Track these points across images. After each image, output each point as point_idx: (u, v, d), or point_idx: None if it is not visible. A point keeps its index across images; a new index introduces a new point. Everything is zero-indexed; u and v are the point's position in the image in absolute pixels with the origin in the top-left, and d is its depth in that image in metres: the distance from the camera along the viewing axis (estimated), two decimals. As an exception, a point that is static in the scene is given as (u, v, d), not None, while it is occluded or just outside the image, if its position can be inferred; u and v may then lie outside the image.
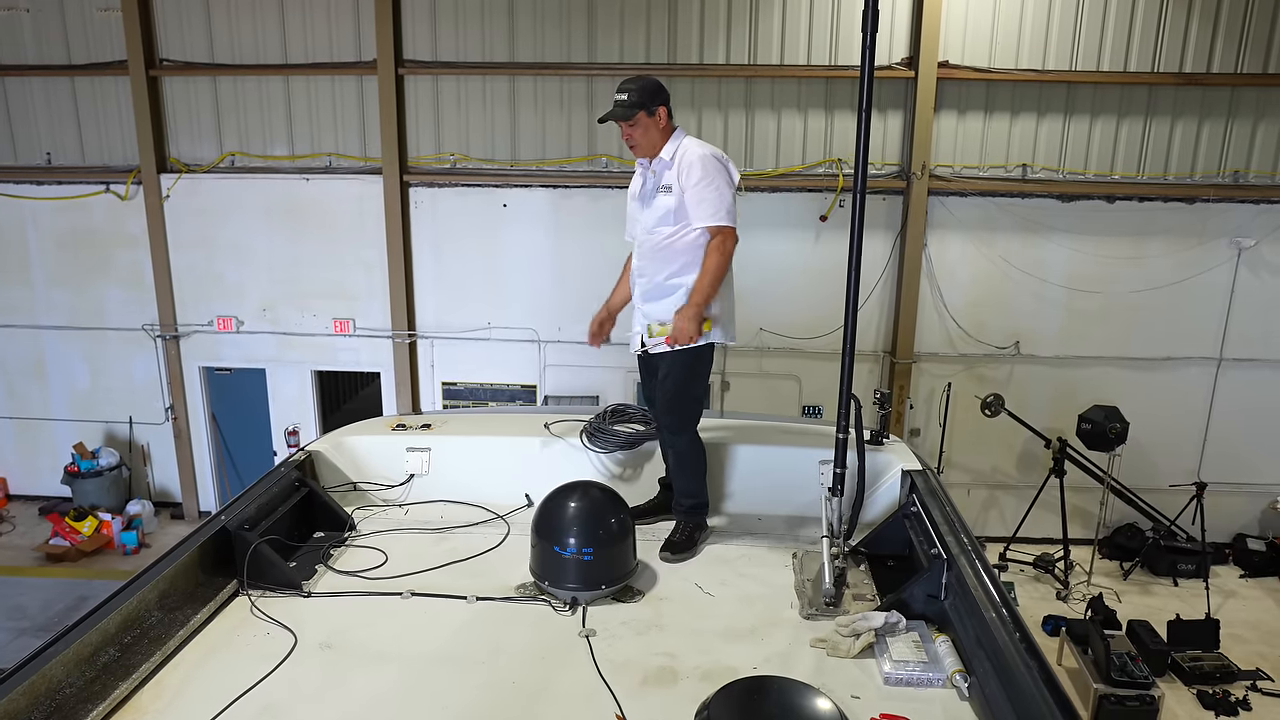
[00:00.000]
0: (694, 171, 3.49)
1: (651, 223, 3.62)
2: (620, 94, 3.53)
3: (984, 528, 9.54)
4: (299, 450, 4.01)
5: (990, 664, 2.47)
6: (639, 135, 3.56)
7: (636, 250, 3.72)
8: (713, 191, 3.49)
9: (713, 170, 3.51)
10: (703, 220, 3.51)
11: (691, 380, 3.66)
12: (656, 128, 3.55)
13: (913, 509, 3.41)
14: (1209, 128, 8.82)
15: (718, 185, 3.51)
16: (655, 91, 3.54)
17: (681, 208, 3.53)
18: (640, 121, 3.53)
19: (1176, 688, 6.87)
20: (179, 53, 9.30)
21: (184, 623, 2.83)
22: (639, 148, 3.60)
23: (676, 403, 3.65)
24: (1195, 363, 9.26)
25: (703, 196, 3.49)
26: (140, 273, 9.78)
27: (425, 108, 9.29)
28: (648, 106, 3.52)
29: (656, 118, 3.54)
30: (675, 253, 3.58)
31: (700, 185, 3.49)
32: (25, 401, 10.33)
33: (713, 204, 3.49)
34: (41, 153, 9.72)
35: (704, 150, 3.54)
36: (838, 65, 8.81)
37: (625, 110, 3.51)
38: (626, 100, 3.50)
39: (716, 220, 3.51)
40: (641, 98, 3.50)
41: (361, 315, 9.77)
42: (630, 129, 3.56)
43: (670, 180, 3.56)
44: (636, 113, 3.51)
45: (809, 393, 9.54)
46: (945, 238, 9.14)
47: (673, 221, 3.56)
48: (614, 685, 2.60)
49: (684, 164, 3.52)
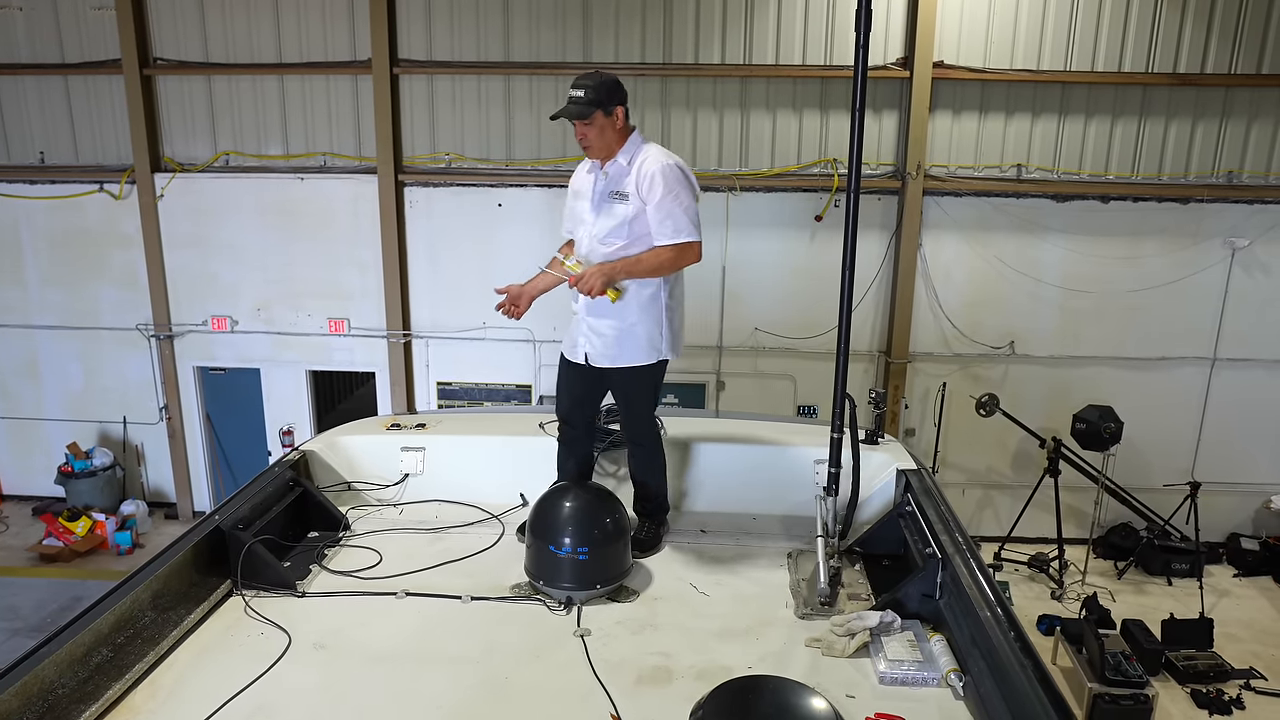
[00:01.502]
0: (656, 186, 3.33)
1: (603, 231, 3.45)
2: (576, 90, 3.33)
3: (979, 527, 9.55)
4: (293, 450, 4.00)
5: (985, 663, 2.47)
6: (594, 135, 3.37)
7: (582, 256, 3.54)
8: (678, 208, 3.35)
9: (675, 184, 3.35)
10: (666, 239, 3.37)
11: (653, 396, 3.67)
12: (613, 128, 3.38)
13: (908, 508, 3.42)
14: (1203, 128, 8.84)
15: (682, 200, 3.37)
16: (613, 89, 3.36)
17: (640, 220, 3.39)
18: (597, 121, 3.34)
19: (1170, 687, 6.89)
20: (173, 52, 9.27)
21: (177, 623, 2.83)
22: (593, 149, 3.41)
23: (644, 420, 3.65)
24: (1189, 362, 9.28)
25: (667, 213, 3.35)
26: (134, 272, 9.75)
27: (420, 107, 9.27)
28: (605, 105, 3.33)
29: (614, 117, 3.36)
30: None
31: (664, 201, 3.33)
32: (19, 401, 10.28)
33: (677, 222, 3.36)
34: (35, 152, 9.68)
35: (666, 160, 3.38)
36: (833, 65, 8.82)
37: (581, 108, 3.32)
38: (583, 98, 3.31)
39: (680, 239, 3.38)
40: (599, 95, 3.31)
41: (356, 315, 9.75)
42: (585, 128, 3.36)
43: (628, 189, 3.39)
44: (593, 111, 3.32)
45: (804, 392, 9.55)
46: (940, 238, 9.15)
47: (627, 235, 3.41)
48: (609, 685, 2.60)
49: (644, 174, 3.36)
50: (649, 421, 3.68)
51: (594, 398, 3.74)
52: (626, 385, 3.59)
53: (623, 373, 3.56)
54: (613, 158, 3.44)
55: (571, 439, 3.75)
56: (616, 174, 3.45)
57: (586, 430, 3.78)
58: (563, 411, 3.76)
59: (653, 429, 3.69)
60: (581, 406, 3.72)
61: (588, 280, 3.29)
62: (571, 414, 3.73)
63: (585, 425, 3.77)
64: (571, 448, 3.76)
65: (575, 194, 3.64)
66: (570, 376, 3.71)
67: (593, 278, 3.29)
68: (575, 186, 3.65)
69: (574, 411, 3.72)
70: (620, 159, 3.44)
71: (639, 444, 3.68)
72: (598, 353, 3.56)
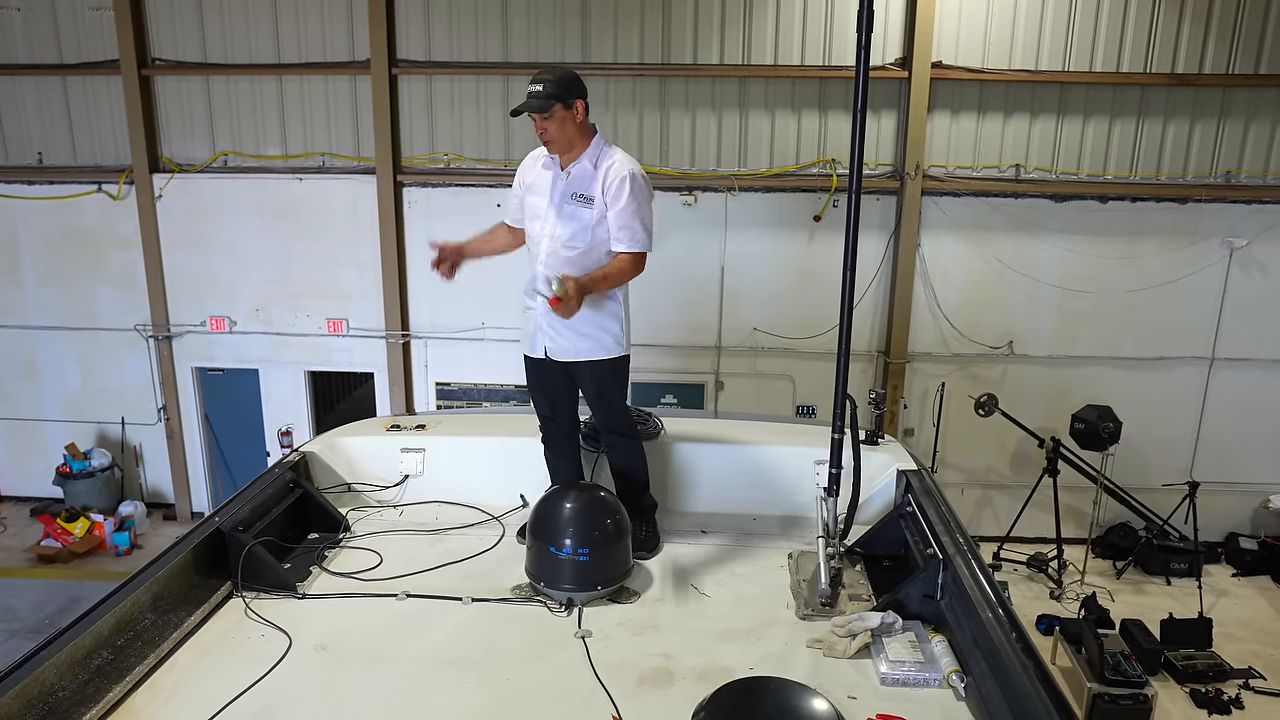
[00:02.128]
0: (622, 193, 3.37)
1: (565, 234, 3.46)
2: (534, 85, 3.33)
3: (978, 527, 9.56)
4: (293, 451, 4.00)
5: (987, 664, 2.47)
6: (554, 129, 3.36)
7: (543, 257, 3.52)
8: (638, 220, 3.41)
9: (640, 194, 3.40)
10: (623, 247, 3.42)
11: (624, 389, 3.69)
12: (573, 121, 3.37)
13: (908, 509, 3.42)
14: (1201, 128, 8.85)
15: (643, 211, 3.42)
16: (571, 83, 3.36)
17: (603, 225, 3.42)
18: (556, 114, 3.33)
19: (1170, 686, 6.89)
20: (171, 52, 9.26)
21: (178, 625, 2.82)
22: (554, 143, 3.41)
23: (620, 412, 3.67)
24: (1188, 362, 9.29)
25: (627, 223, 3.39)
26: (132, 273, 9.73)
27: (419, 107, 9.26)
28: (565, 99, 3.32)
29: (574, 111, 3.35)
30: (589, 269, 3.42)
31: (627, 210, 3.38)
32: (17, 402, 10.26)
33: (635, 232, 3.41)
34: (33, 152, 9.66)
35: (632, 167, 3.42)
36: (832, 65, 8.82)
37: (541, 102, 3.30)
38: (542, 91, 3.30)
39: (635, 248, 3.43)
40: (558, 89, 3.31)
41: (355, 315, 9.74)
42: (545, 122, 3.34)
43: (592, 192, 3.42)
44: (552, 105, 3.30)
45: (803, 392, 9.55)
46: (939, 238, 9.15)
47: (589, 239, 3.44)
48: (610, 686, 2.60)
49: (611, 180, 3.39)
50: (623, 413, 3.69)
51: (566, 390, 3.70)
52: (594, 379, 3.60)
53: (588, 367, 3.57)
54: (573, 155, 3.44)
55: (556, 437, 3.75)
56: (580, 176, 3.45)
57: (570, 425, 3.78)
58: (543, 411, 3.76)
59: (628, 420, 3.70)
60: (557, 400, 3.71)
61: (569, 306, 3.25)
62: (550, 409, 3.73)
63: (568, 420, 3.76)
64: (556, 448, 3.76)
65: (527, 187, 3.61)
66: (537, 373, 3.71)
67: (572, 302, 3.26)
68: (527, 180, 3.61)
69: (549, 406, 3.72)
70: (585, 161, 3.44)
71: (619, 435, 3.69)
72: (558, 347, 3.57)
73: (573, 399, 3.75)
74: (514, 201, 3.72)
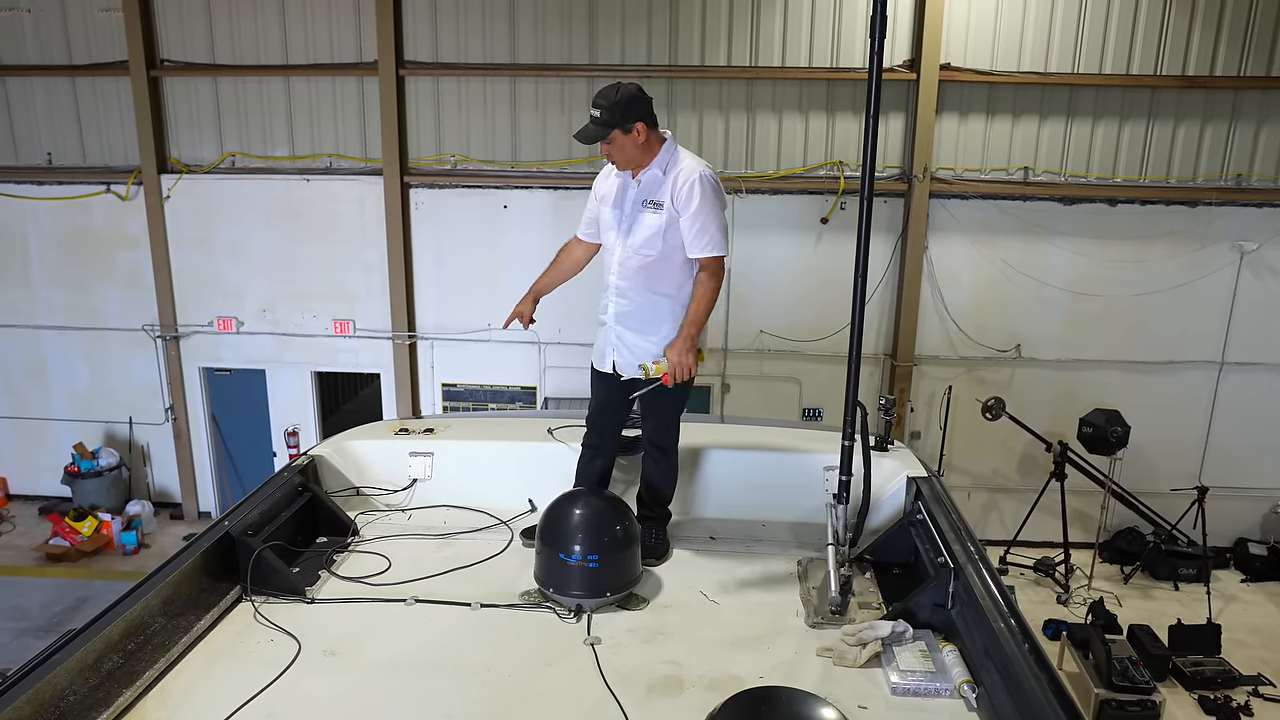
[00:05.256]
0: (694, 197, 3.31)
1: (637, 241, 3.42)
2: (594, 110, 3.28)
3: (984, 531, 9.53)
4: (302, 455, 3.99)
5: (999, 675, 2.46)
6: (616, 153, 3.34)
7: (615, 267, 3.51)
8: (713, 221, 3.35)
9: (711, 195, 3.34)
10: (699, 252, 3.38)
11: (681, 405, 3.64)
12: (634, 144, 3.30)
13: (918, 516, 3.40)
14: (1212, 131, 8.81)
15: (716, 213, 3.37)
16: (630, 105, 3.25)
17: (674, 229, 3.38)
18: (616, 140, 3.28)
19: (1178, 693, 6.87)
20: (180, 53, 9.28)
21: (187, 629, 2.82)
22: (619, 164, 3.40)
23: (671, 428, 3.65)
24: (1197, 366, 9.25)
25: (704, 227, 3.34)
26: (140, 273, 9.76)
27: (426, 109, 9.27)
28: (623, 124, 3.25)
29: (634, 134, 3.28)
30: (661, 276, 3.44)
31: (700, 213, 3.32)
32: (25, 401, 10.30)
33: (711, 235, 3.36)
34: (42, 153, 9.70)
35: (702, 170, 3.36)
36: (839, 67, 8.80)
37: (598, 130, 3.27)
38: (599, 118, 3.26)
39: (713, 252, 3.39)
40: (613, 116, 3.24)
41: (361, 316, 9.75)
42: (607, 147, 3.32)
43: (661, 197, 3.37)
44: (610, 132, 3.26)
45: (809, 395, 9.53)
46: (946, 240, 9.13)
47: (661, 244, 3.39)
48: (619, 694, 2.59)
49: (681, 184, 3.33)
50: (673, 430, 3.66)
51: (620, 407, 3.70)
52: (664, 400, 3.56)
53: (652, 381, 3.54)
54: (643, 169, 3.41)
55: (595, 445, 3.74)
56: (651, 182, 3.41)
57: (612, 439, 3.76)
58: (590, 413, 3.77)
59: (674, 435, 3.68)
60: (608, 415, 3.71)
61: (682, 368, 3.34)
62: (598, 420, 3.73)
63: (612, 434, 3.75)
64: (595, 453, 3.75)
65: (600, 199, 3.59)
66: (597, 385, 3.71)
67: (682, 364, 3.34)
68: (600, 191, 3.60)
69: (601, 419, 3.73)
70: (654, 168, 3.40)
71: (661, 449, 3.66)
72: (626, 362, 3.56)
73: (622, 415, 3.74)
74: (588, 215, 3.70)
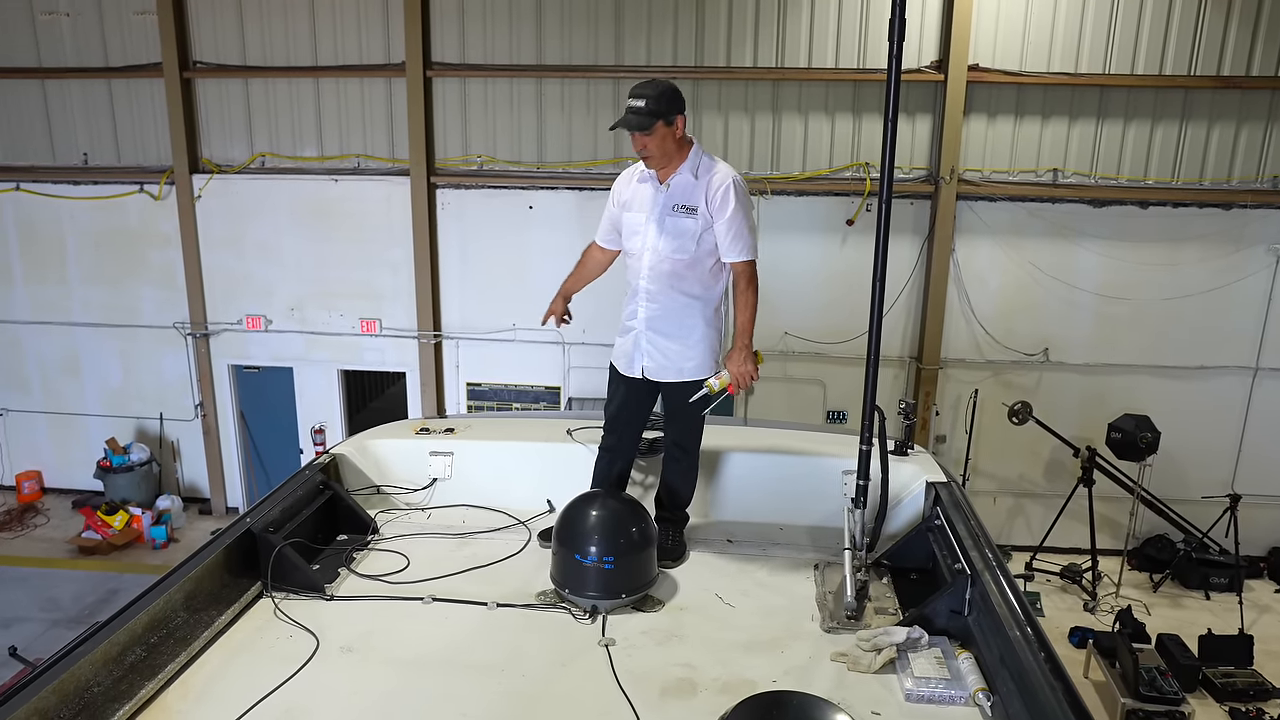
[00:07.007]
0: (728, 201, 3.33)
1: (669, 247, 3.42)
2: (635, 100, 3.24)
3: (1010, 536, 9.42)
4: (324, 453, 4.04)
5: (1014, 684, 2.43)
6: (654, 146, 3.30)
7: (644, 271, 3.49)
8: (746, 225, 3.38)
9: (744, 200, 3.37)
10: (735, 256, 3.41)
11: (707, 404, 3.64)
12: (673, 138, 3.31)
13: (936, 522, 3.37)
14: (1247, 132, 8.64)
15: (750, 218, 3.41)
16: (673, 98, 3.29)
17: (708, 234, 3.39)
18: (658, 132, 3.27)
19: (1208, 704, 6.74)
20: (212, 55, 9.44)
21: (209, 624, 2.86)
22: (654, 159, 3.36)
23: (695, 430, 3.64)
24: (1230, 372, 9.08)
25: (739, 231, 3.37)
26: (172, 272, 9.94)
27: (453, 109, 9.34)
28: (666, 115, 3.25)
29: (674, 127, 3.29)
30: (691, 279, 3.45)
31: (734, 217, 3.35)
32: (60, 397, 10.53)
33: (746, 239, 3.40)
34: (79, 153, 9.90)
35: (734, 174, 3.38)
36: (866, 68, 8.75)
37: (642, 119, 3.24)
38: (644, 108, 3.23)
39: (747, 256, 3.42)
40: (659, 106, 3.23)
41: (388, 315, 9.85)
42: (646, 138, 3.28)
43: (695, 202, 3.36)
44: (655, 122, 3.24)
45: (833, 398, 9.48)
46: (974, 243, 9.04)
47: (694, 248, 3.40)
48: (633, 696, 2.59)
49: (715, 189, 3.34)
50: (696, 431, 3.65)
51: (644, 411, 3.71)
52: (683, 395, 3.55)
53: (682, 385, 3.54)
54: (671, 168, 3.40)
55: (614, 447, 3.72)
56: (681, 187, 3.40)
57: (630, 442, 3.75)
58: (609, 416, 3.73)
59: (698, 438, 3.67)
60: (630, 418, 3.70)
61: (744, 376, 3.39)
62: (618, 424, 3.70)
63: (630, 437, 3.74)
64: (613, 455, 3.73)
65: (623, 205, 3.56)
66: (621, 389, 3.68)
67: (744, 372, 3.39)
68: (623, 198, 3.56)
69: (620, 422, 3.70)
70: (685, 172, 3.39)
71: (684, 449, 3.66)
72: (658, 366, 3.55)
73: (645, 418, 3.75)
74: (606, 222, 3.69)
